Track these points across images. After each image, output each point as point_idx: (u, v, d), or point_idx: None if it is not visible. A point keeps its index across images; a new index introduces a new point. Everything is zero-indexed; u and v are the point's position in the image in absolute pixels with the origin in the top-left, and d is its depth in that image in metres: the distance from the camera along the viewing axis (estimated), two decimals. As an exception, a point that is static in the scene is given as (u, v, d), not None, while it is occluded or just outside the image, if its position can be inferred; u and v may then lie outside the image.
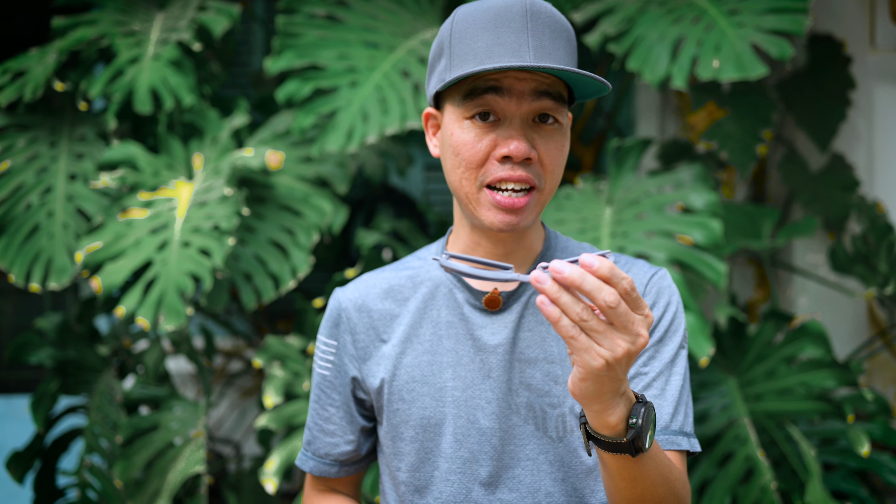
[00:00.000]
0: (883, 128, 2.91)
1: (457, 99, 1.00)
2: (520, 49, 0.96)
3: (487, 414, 1.05)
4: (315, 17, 2.23)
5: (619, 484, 0.90)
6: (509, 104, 0.98)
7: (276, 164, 2.22)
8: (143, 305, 1.93)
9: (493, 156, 0.99)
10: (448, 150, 1.03)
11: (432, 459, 1.07)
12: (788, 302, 2.90)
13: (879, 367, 2.82)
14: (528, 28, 0.97)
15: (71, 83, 2.28)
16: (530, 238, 1.09)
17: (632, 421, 0.83)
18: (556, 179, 1.04)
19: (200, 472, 2.09)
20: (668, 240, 1.99)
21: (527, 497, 1.04)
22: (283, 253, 2.17)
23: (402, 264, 1.16)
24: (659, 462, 0.91)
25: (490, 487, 1.05)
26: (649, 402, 0.85)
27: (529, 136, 0.99)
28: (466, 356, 1.07)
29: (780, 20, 2.05)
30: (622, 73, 2.60)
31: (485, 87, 0.97)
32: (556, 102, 0.99)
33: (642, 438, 0.83)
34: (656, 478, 0.91)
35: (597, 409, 0.82)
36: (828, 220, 2.73)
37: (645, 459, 0.87)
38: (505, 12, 0.97)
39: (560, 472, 1.04)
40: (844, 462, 2.08)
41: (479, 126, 0.99)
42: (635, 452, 0.84)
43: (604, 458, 0.88)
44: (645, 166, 2.83)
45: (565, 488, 1.04)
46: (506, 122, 0.98)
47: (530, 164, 0.99)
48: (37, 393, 2.33)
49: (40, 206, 2.22)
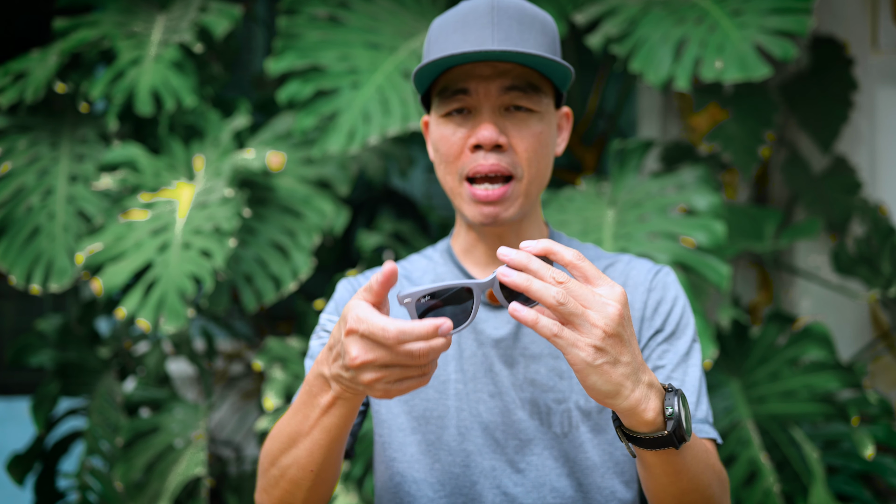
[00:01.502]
0: (886, 130, 2.90)
1: (435, 101, 1.05)
2: (484, 42, 0.99)
3: (490, 408, 1.05)
4: (316, 19, 2.22)
5: (663, 481, 0.89)
6: (478, 99, 1.01)
7: (278, 165, 2.22)
8: (144, 307, 1.93)
9: (467, 146, 1.03)
10: (433, 149, 1.08)
11: (433, 452, 1.06)
12: (791, 304, 2.90)
13: (882, 369, 2.81)
14: (494, 23, 0.99)
15: (72, 84, 2.28)
16: (529, 234, 1.10)
17: (668, 412, 0.81)
18: (538, 169, 1.04)
19: (201, 475, 2.08)
20: (671, 242, 1.98)
21: (531, 492, 1.04)
22: (284, 255, 2.16)
23: (408, 261, 1.16)
24: (698, 449, 0.90)
25: (494, 481, 1.04)
26: (679, 389, 0.83)
27: (501, 124, 1.02)
28: (469, 349, 1.07)
29: (784, 21, 2.05)
30: (624, 75, 2.60)
31: (454, 90, 1.02)
32: (525, 92, 1.01)
33: (683, 427, 0.81)
34: (699, 465, 0.90)
35: (626, 408, 0.80)
36: (830, 222, 2.72)
37: (686, 450, 0.86)
38: (472, 11, 1.01)
39: (565, 467, 1.04)
40: (848, 465, 2.07)
41: (455, 121, 1.03)
42: (679, 443, 0.82)
43: (644, 458, 0.86)
44: (647, 168, 2.82)
45: (571, 483, 1.04)
46: (476, 114, 1.02)
47: (503, 152, 1.02)
48: (37, 395, 2.32)
49: (41, 208, 2.22)
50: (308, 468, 0.92)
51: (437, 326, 0.75)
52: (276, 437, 0.94)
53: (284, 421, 0.94)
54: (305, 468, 0.92)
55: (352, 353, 0.77)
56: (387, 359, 0.76)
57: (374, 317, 0.76)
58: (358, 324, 0.76)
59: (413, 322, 0.75)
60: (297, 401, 0.91)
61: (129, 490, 2.10)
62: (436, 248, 1.16)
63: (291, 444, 0.92)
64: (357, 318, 0.76)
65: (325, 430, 0.88)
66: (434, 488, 1.05)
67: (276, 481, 0.95)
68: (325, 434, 0.89)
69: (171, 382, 2.37)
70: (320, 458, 0.91)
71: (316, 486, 0.94)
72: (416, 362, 0.76)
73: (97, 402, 2.32)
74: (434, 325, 0.75)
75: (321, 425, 0.88)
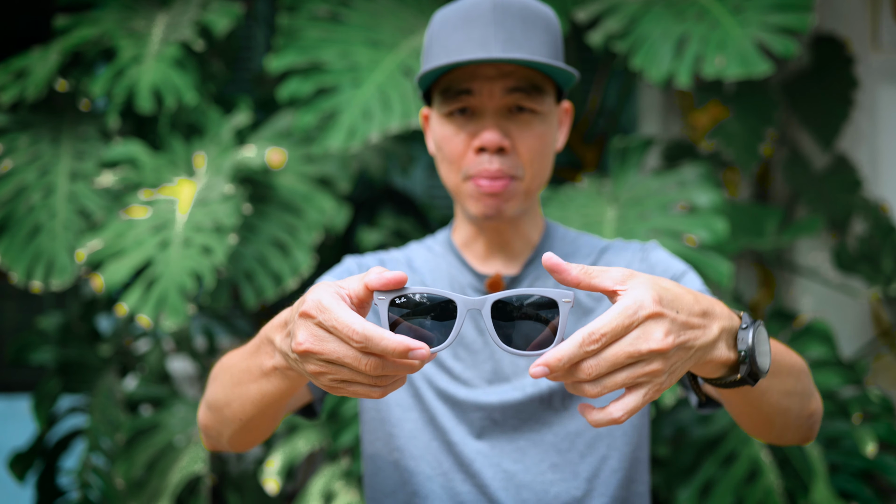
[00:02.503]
0: (886, 128, 2.90)
1: (438, 99, 1.04)
2: (487, 43, 0.98)
3: (488, 392, 1.06)
4: (317, 16, 2.23)
5: (746, 410, 0.86)
6: (482, 100, 1.01)
7: (279, 162, 2.22)
8: (145, 303, 1.93)
9: (470, 147, 1.02)
10: (435, 147, 1.07)
11: (431, 430, 1.06)
12: (792, 303, 2.90)
13: (884, 368, 2.81)
14: (497, 21, 0.99)
15: (73, 82, 2.28)
16: (526, 228, 1.11)
17: (741, 351, 0.74)
18: (539, 169, 1.05)
19: (202, 472, 2.08)
20: (672, 239, 1.98)
21: (531, 468, 1.04)
22: (285, 252, 2.16)
23: (408, 248, 1.17)
24: (776, 361, 0.83)
25: (492, 459, 1.04)
26: (758, 321, 0.77)
27: (505, 126, 1.02)
28: (469, 336, 1.08)
29: (785, 17, 2.05)
30: (625, 73, 2.60)
31: (457, 90, 1.01)
32: (528, 94, 1.01)
33: (757, 365, 0.75)
34: (781, 377, 0.85)
35: (697, 367, 0.75)
36: (831, 220, 2.73)
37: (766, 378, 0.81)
38: (474, 9, 1.00)
39: (565, 442, 1.04)
40: (849, 463, 2.06)
41: (458, 121, 1.03)
42: (754, 381, 0.76)
43: (721, 393, 0.83)
44: (648, 167, 2.82)
45: (570, 458, 1.04)
46: (479, 115, 1.02)
47: (506, 155, 1.02)
48: (38, 392, 2.33)
49: (42, 206, 2.22)
50: (237, 416, 0.90)
51: (408, 348, 0.67)
52: (226, 370, 0.92)
53: (237, 358, 0.91)
54: (234, 415, 0.90)
55: (298, 337, 0.70)
56: (336, 356, 0.69)
57: (340, 310, 0.69)
58: (318, 312, 0.69)
59: (384, 332, 0.67)
60: (250, 346, 0.87)
61: (129, 487, 2.11)
62: (436, 238, 1.17)
63: (231, 385, 0.89)
64: (318, 306, 0.69)
65: (261, 391, 0.85)
66: (431, 465, 1.05)
67: (211, 406, 0.94)
68: (261, 395, 0.85)
69: (171, 381, 2.37)
70: (251, 413, 0.88)
71: (241, 433, 0.93)
72: (369, 373, 0.69)
73: (98, 399, 2.32)
74: (406, 346, 0.67)
75: (258, 385, 0.84)
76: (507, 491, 1.03)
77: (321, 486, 2.04)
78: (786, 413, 0.89)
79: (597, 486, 1.04)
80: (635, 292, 0.67)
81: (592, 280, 0.69)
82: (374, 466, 1.09)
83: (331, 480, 2.04)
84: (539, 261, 1.10)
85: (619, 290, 0.69)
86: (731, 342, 0.74)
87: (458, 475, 1.04)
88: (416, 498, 1.05)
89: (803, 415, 0.92)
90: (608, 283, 0.69)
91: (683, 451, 2.11)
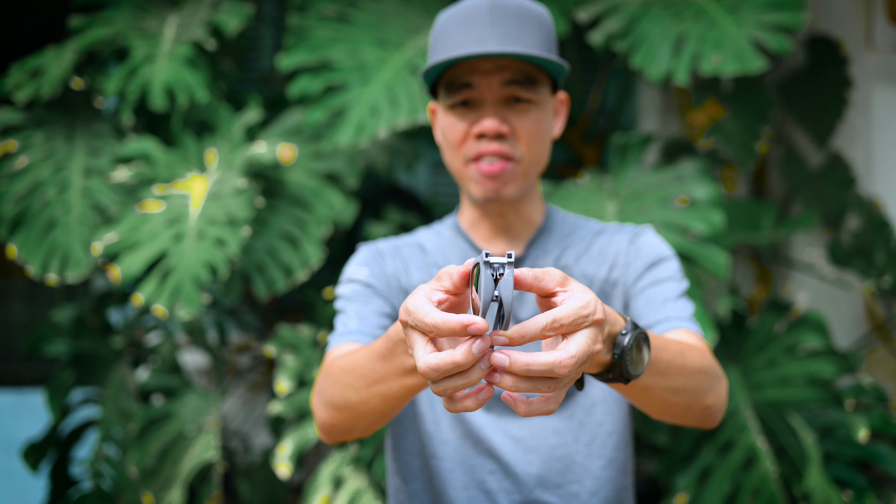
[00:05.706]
0: (880, 126, 2.96)
1: (442, 92, 1.14)
2: (484, 39, 1.09)
3: None
4: (326, 16, 2.29)
5: (633, 398, 0.96)
6: (481, 92, 1.11)
7: (289, 158, 2.27)
8: (160, 294, 1.98)
9: (471, 134, 1.12)
10: (440, 135, 1.17)
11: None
12: (788, 297, 2.95)
13: (878, 362, 2.86)
14: (494, 20, 1.09)
15: (87, 80, 2.34)
16: (529, 211, 1.20)
17: (615, 354, 0.83)
18: (537, 153, 1.15)
19: (214, 460, 2.13)
20: (671, 232, 2.04)
21: (536, 433, 1.13)
22: (295, 245, 2.22)
23: (415, 233, 1.25)
24: (664, 362, 0.91)
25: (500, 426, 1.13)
26: (639, 329, 0.84)
27: (504, 114, 1.12)
28: None
29: (779, 16, 2.12)
30: (625, 72, 2.66)
31: (459, 84, 1.11)
32: (524, 85, 1.11)
33: (627, 369, 0.83)
34: (669, 377, 0.93)
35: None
36: (826, 216, 2.78)
37: (647, 374, 0.89)
38: (473, 9, 1.10)
39: (567, 409, 1.13)
40: (843, 451, 2.12)
41: (460, 112, 1.12)
42: (626, 381, 0.85)
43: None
44: (647, 165, 2.88)
45: (571, 425, 1.12)
46: (480, 106, 1.12)
47: (505, 139, 1.11)
48: (52, 384, 2.38)
49: (57, 201, 2.27)
50: (378, 410, 0.97)
51: (464, 325, 0.66)
52: (349, 372, 0.97)
53: (362, 361, 0.95)
54: (374, 410, 0.97)
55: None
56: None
57: (420, 308, 0.69)
58: (406, 315, 0.70)
59: (445, 315, 0.67)
60: (378, 349, 0.91)
61: (142, 476, 2.16)
62: (444, 223, 1.24)
63: (364, 386, 0.95)
64: (405, 309, 0.71)
65: (404, 387, 0.91)
66: (445, 431, 1.14)
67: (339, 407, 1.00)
68: (405, 391, 0.92)
69: (183, 373, 2.42)
70: (394, 405, 0.96)
71: (378, 423, 1.01)
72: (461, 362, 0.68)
73: (110, 390, 2.37)
74: (461, 322, 0.66)
75: (401, 382, 0.91)
76: (515, 455, 1.12)
77: (330, 472, 2.09)
78: (674, 406, 0.98)
79: (595, 449, 1.13)
80: (586, 294, 0.71)
81: (540, 283, 0.73)
82: (403, 428, 1.18)
83: (340, 466, 2.10)
84: (541, 241, 1.19)
85: (558, 291, 0.73)
86: (610, 345, 0.82)
87: (468, 440, 1.13)
88: (434, 459, 1.14)
89: (695, 408, 1.00)
90: (551, 284, 0.73)
91: (682, 439, 2.17)
